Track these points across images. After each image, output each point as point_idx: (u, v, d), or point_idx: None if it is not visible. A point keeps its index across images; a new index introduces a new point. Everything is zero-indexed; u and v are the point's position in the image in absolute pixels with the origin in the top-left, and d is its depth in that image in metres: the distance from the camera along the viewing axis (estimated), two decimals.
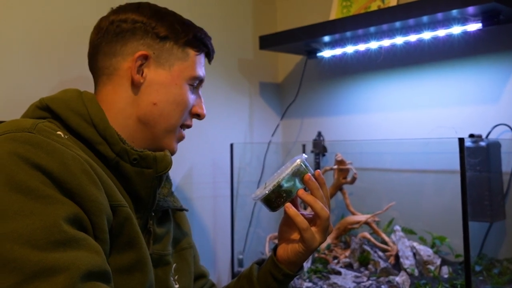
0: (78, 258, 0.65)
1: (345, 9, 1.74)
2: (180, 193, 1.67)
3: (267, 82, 2.03)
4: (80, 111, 0.86)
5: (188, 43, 0.96)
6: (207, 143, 1.77)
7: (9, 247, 0.62)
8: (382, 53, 1.68)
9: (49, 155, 0.72)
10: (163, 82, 0.93)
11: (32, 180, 0.68)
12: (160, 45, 0.93)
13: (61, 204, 0.68)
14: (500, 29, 1.43)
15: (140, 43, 0.92)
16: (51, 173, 0.70)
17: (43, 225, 0.65)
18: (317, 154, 1.84)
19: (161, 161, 0.90)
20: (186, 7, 1.69)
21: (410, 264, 1.43)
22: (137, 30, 0.92)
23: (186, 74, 0.95)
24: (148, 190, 0.90)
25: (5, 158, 0.70)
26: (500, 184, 1.40)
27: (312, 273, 1.48)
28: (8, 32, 1.28)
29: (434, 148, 1.58)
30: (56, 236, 0.65)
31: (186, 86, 0.95)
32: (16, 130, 0.75)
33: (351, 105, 1.82)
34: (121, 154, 0.86)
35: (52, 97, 0.88)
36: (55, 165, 0.71)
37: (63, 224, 0.67)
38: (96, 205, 0.73)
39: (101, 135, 0.85)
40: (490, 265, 1.39)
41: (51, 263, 0.63)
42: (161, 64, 0.93)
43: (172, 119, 0.94)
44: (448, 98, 1.57)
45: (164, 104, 0.93)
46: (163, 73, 0.93)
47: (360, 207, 1.67)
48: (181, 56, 0.95)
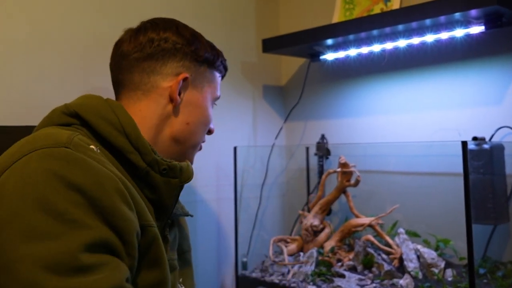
0: (97, 281, 0.65)
1: (348, 12, 1.74)
2: (184, 197, 1.67)
3: (270, 85, 2.03)
4: (111, 119, 0.86)
5: (217, 67, 1.03)
6: (210, 147, 1.78)
7: (30, 269, 0.63)
8: (385, 56, 1.69)
9: (85, 174, 0.71)
10: (196, 103, 0.99)
11: (64, 201, 0.68)
12: (197, 68, 0.98)
13: (88, 229, 0.68)
14: (502, 32, 1.43)
15: (180, 65, 0.96)
16: (86, 192, 0.70)
17: (67, 251, 0.65)
18: (320, 157, 1.85)
19: (185, 171, 0.93)
20: (189, 10, 1.70)
21: (414, 267, 1.43)
22: (177, 52, 0.96)
23: (213, 95, 1.03)
24: (172, 198, 0.92)
25: (40, 175, 0.69)
26: (503, 187, 1.40)
27: (316, 276, 1.48)
28: (14, 38, 1.29)
29: (437, 151, 1.57)
30: (78, 262, 0.65)
31: (211, 106, 1.03)
32: (53, 145, 0.74)
33: (354, 108, 1.82)
34: (152, 164, 0.87)
35: (78, 103, 0.88)
36: (90, 183, 0.71)
37: (87, 250, 0.66)
38: (128, 224, 0.74)
39: (133, 144, 0.86)
40: (494, 268, 1.39)
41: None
42: (195, 86, 0.99)
43: (199, 138, 1.01)
44: (451, 101, 1.57)
45: (195, 124, 0.99)
46: (196, 95, 0.99)
47: (364, 209, 1.67)
48: (210, 79, 1.02)
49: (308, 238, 1.66)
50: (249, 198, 1.88)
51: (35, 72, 1.33)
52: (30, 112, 1.27)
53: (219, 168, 1.81)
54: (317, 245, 1.64)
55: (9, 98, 1.28)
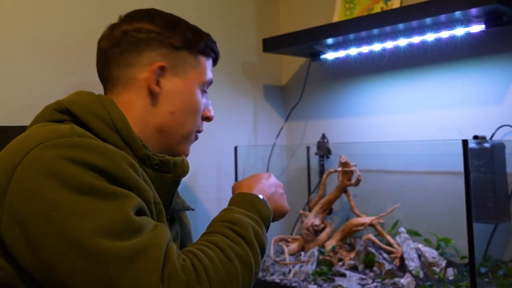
0: (157, 235, 0.72)
1: (348, 11, 1.74)
2: (185, 196, 1.67)
3: (271, 84, 2.03)
4: (102, 115, 0.86)
5: (200, 51, 0.98)
6: (211, 146, 1.78)
7: (97, 242, 0.66)
8: (385, 55, 1.68)
9: (101, 155, 0.74)
10: (178, 91, 0.95)
11: (95, 180, 0.71)
12: (175, 54, 0.95)
13: (127, 197, 0.73)
14: (503, 31, 1.43)
15: (156, 54, 0.93)
16: (109, 172, 0.73)
17: (120, 218, 0.70)
18: (321, 156, 1.85)
19: (180, 166, 0.92)
20: (189, 10, 1.70)
21: (415, 266, 1.42)
22: (152, 41, 0.93)
23: (199, 80, 0.98)
24: (167, 194, 0.92)
25: (61, 164, 0.71)
26: (504, 186, 1.40)
27: (317, 275, 1.48)
28: (14, 38, 1.29)
29: (438, 150, 1.57)
30: (134, 224, 0.70)
31: (198, 92, 0.98)
32: (59, 136, 0.75)
33: (355, 107, 1.82)
34: (144, 160, 0.87)
35: (70, 99, 0.88)
36: (110, 163, 0.74)
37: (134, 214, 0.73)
38: (148, 194, 0.79)
39: (124, 140, 0.86)
40: (496, 267, 1.39)
41: (139, 245, 0.68)
42: (176, 73, 0.95)
43: (189, 126, 0.97)
44: (452, 100, 1.57)
45: (181, 112, 0.95)
46: (178, 82, 0.95)
47: (365, 209, 1.66)
48: (194, 64, 0.97)
49: (309, 238, 1.66)
50: None
51: (35, 72, 1.33)
52: (28, 112, 1.27)
53: (220, 168, 1.81)
54: (318, 245, 1.64)
55: (8, 99, 1.28)
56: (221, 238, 0.80)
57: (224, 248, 0.78)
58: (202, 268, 0.72)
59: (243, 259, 0.78)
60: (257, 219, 0.87)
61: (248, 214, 0.87)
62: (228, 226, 0.82)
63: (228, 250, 0.78)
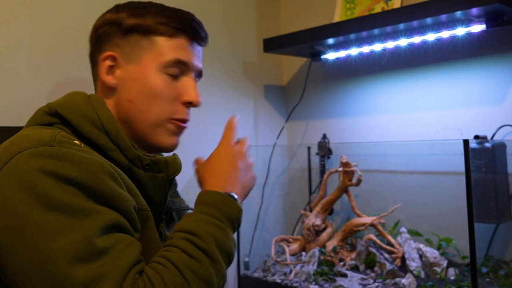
0: (119, 259, 0.70)
1: (349, 11, 1.74)
2: (185, 197, 1.67)
3: (271, 84, 2.03)
4: (91, 117, 0.85)
5: (152, 30, 0.89)
6: (212, 146, 1.77)
7: (57, 266, 0.66)
8: (386, 55, 1.68)
9: (77, 167, 0.72)
10: (134, 78, 0.89)
11: (66, 195, 0.70)
12: (126, 40, 0.89)
13: (97, 213, 0.71)
14: (504, 30, 1.43)
15: (110, 45, 0.89)
16: (83, 184, 0.71)
17: (83, 238, 0.68)
18: (322, 156, 1.85)
19: (171, 165, 0.91)
20: (190, 10, 1.69)
21: (417, 266, 1.42)
22: (108, 32, 0.90)
23: (157, 62, 0.89)
24: (160, 194, 0.91)
25: (35, 177, 0.70)
26: (506, 185, 1.40)
27: (318, 275, 1.48)
28: (13, 38, 1.29)
29: (439, 150, 1.57)
30: (96, 247, 0.68)
31: (161, 75, 0.89)
32: (38, 144, 0.74)
33: (356, 107, 1.82)
34: (134, 160, 0.86)
35: (60, 102, 0.87)
36: (84, 175, 0.72)
37: (102, 233, 0.70)
38: (128, 204, 0.77)
39: (113, 141, 0.85)
40: (497, 267, 1.39)
41: (96, 273, 0.67)
42: (130, 60, 0.89)
43: (153, 113, 0.89)
44: (453, 100, 1.57)
45: (139, 100, 0.89)
46: (133, 69, 0.89)
47: (366, 209, 1.66)
48: (148, 46, 0.89)
49: (310, 238, 1.66)
50: (251, 198, 1.87)
51: (33, 73, 1.33)
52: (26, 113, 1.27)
53: None
54: (319, 245, 1.64)
55: (7, 99, 1.28)
56: (180, 255, 0.75)
57: (181, 268, 0.73)
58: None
59: (201, 277, 0.74)
60: (222, 224, 0.81)
61: (211, 220, 0.81)
62: (188, 238, 0.77)
63: (186, 270, 0.73)
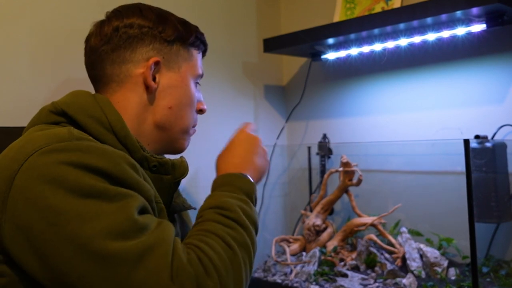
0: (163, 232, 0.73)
1: (349, 11, 1.74)
2: (186, 197, 1.66)
3: (271, 84, 2.03)
4: (99, 117, 0.85)
5: (192, 43, 0.97)
6: (212, 147, 1.77)
7: (104, 244, 0.67)
8: (386, 55, 1.68)
9: (101, 158, 0.74)
10: (174, 85, 0.94)
11: (97, 183, 0.71)
12: (169, 48, 0.94)
13: (130, 196, 0.73)
14: (504, 30, 1.43)
15: (149, 49, 0.92)
16: (110, 174, 0.73)
17: (125, 218, 0.70)
18: (322, 156, 1.85)
19: (178, 168, 0.92)
20: (190, 10, 1.70)
21: (417, 266, 1.42)
22: (144, 36, 0.91)
23: (193, 73, 0.97)
24: (166, 195, 0.91)
25: (63, 169, 0.70)
26: (506, 185, 1.40)
27: (319, 275, 1.48)
28: (12, 39, 1.29)
29: (439, 150, 1.57)
30: (139, 224, 0.71)
31: (193, 85, 0.98)
32: (57, 140, 0.74)
33: (356, 107, 1.82)
34: (141, 161, 0.86)
35: (66, 101, 0.87)
36: (110, 165, 0.74)
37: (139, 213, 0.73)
38: (150, 193, 0.79)
39: (121, 142, 0.85)
40: (498, 267, 1.39)
41: (146, 244, 0.69)
42: (171, 68, 0.94)
43: (187, 120, 0.97)
44: (453, 99, 1.57)
45: (179, 107, 0.95)
46: (173, 76, 0.94)
47: (366, 209, 1.66)
48: (187, 57, 0.97)
49: (311, 238, 1.66)
50: None
51: (32, 72, 1.33)
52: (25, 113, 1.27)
53: None
54: (320, 245, 1.63)
55: (7, 99, 1.28)
56: (216, 225, 0.80)
57: (222, 235, 0.78)
58: (208, 259, 0.73)
59: (240, 243, 0.80)
60: (243, 197, 0.88)
61: (233, 195, 0.88)
62: (218, 212, 0.83)
63: (226, 236, 0.78)
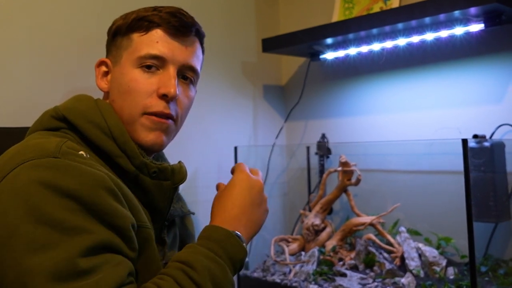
0: (99, 281, 0.66)
1: (348, 11, 1.74)
2: (185, 197, 1.67)
3: (270, 84, 2.03)
4: (99, 123, 0.85)
5: (130, 28, 0.91)
6: (211, 147, 1.78)
7: (37, 282, 0.64)
8: (384, 54, 1.68)
9: (77, 179, 0.72)
10: (115, 78, 0.92)
11: (59, 210, 0.69)
12: (112, 44, 0.95)
13: (88, 233, 0.69)
14: (502, 30, 1.43)
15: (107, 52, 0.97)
16: (80, 198, 0.70)
17: (66, 257, 0.66)
18: (321, 156, 1.85)
19: (178, 173, 0.91)
20: (188, 10, 1.69)
21: (416, 265, 1.42)
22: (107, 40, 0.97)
23: (131, 59, 0.90)
24: (166, 200, 0.91)
25: (32, 188, 0.70)
26: (505, 185, 1.40)
27: (318, 275, 1.48)
28: (13, 39, 1.29)
29: (438, 149, 1.57)
30: (77, 267, 0.66)
31: (135, 70, 0.89)
32: (41, 155, 0.74)
33: (355, 106, 1.82)
34: (141, 167, 0.86)
35: (67, 106, 0.87)
36: (83, 188, 0.71)
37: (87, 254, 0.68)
38: (124, 220, 0.74)
39: (120, 148, 0.85)
40: (496, 266, 1.39)
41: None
42: (116, 63, 0.93)
43: (127, 109, 0.89)
44: (451, 99, 1.57)
45: (117, 97, 0.90)
46: (117, 70, 0.92)
47: (365, 208, 1.67)
48: (126, 44, 0.91)
49: (310, 238, 1.66)
50: None
51: (34, 73, 1.33)
52: (28, 114, 1.27)
53: (220, 168, 1.81)
54: (319, 244, 1.64)
55: (8, 99, 1.28)
56: (171, 284, 0.73)
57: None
58: None
59: None
60: (220, 261, 0.79)
61: (211, 255, 0.79)
62: (182, 268, 0.76)
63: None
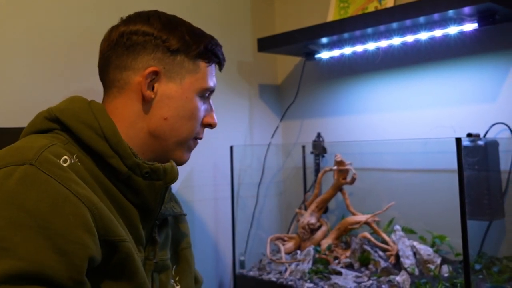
0: None
1: (343, 10, 1.75)
2: (181, 196, 1.68)
3: (266, 84, 2.03)
4: (91, 124, 0.85)
5: (199, 55, 0.94)
6: (207, 146, 1.78)
7: None
8: (379, 54, 1.69)
9: (40, 196, 0.72)
10: (173, 96, 0.92)
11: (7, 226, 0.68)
12: (171, 58, 0.92)
13: (17, 260, 0.67)
14: (496, 29, 1.44)
15: (151, 57, 0.91)
16: (37, 215, 0.70)
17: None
18: (316, 155, 1.85)
19: (170, 173, 0.91)
20: (184, 10, 1.69)
21: (411, 263, 1.43)
22: (147, 44, 0.91)
23: (197, 86, 0.94)
24: (157, 200, 0.91)
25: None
26: (498, 183, 1.41)
27: (313, 273, 1.49)
28: (11, 38, 1.29)
29: (432, 148, 1.58)
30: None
31: (196, 98, 0.95)
32: (18, 162, 0.75)
33: (350, 106, 1.83)
34: (133, 168, 0.86)
35: (61, 108, 0.87)
36: (43, 205, 0.71)
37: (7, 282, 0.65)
38: (78, 247, 0.72)
39: (113, 148, 0.85)
40: (490, 264, 1.40)
41: None
42: (172, 78, 0.92)
43: (183, 133, 0.94)
44: (445, 98, 1.58)
45: (175, 119, 0.93)
46: (173, 87, 0.92)
47: (360, 207, 1.67)
48: (192, 69, 0.94)
49: (305, 236, 1.67)
50: (246, 197, 1.88)
51: (32, 73, 1.33)
52: (25, 114, 1.27)
53: (216, 167, 1.81)
54: (314, 243, 1.64)
55: (7, 99, 1.28)
56: None
57: None
58: None
59: None
60: None
61: None
62: None
63: None
